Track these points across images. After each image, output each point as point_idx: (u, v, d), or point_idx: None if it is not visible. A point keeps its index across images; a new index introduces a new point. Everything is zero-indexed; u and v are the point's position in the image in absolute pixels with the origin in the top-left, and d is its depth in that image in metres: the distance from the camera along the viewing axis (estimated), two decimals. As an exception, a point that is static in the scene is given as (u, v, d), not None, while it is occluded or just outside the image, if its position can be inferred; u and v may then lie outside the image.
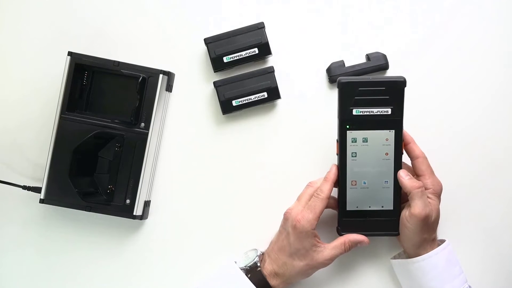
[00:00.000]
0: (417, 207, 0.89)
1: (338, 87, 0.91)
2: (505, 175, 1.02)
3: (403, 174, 0.91)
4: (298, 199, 0.95)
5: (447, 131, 1.02)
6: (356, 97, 0.91)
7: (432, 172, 0.94)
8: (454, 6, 1.03)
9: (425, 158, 0.94)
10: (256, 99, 1.01)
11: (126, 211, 0.98)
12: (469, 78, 1.03)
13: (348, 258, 1.00)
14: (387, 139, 0.92)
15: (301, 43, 1.04)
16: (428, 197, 0.91)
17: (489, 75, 1.03)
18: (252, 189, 1.03)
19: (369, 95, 0.91)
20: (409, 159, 0.95)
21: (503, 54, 1.03)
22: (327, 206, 0.93)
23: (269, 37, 1.01)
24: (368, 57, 1.02)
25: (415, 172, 0.95)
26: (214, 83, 1.01)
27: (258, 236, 1.00)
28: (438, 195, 0.94)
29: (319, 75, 1.03)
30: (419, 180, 0.93)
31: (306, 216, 0.91)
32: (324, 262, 0.92)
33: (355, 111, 0.91)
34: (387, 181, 0.93)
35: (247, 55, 1.00)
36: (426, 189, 0.92)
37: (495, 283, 1.02)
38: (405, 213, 0.92)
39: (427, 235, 0.92)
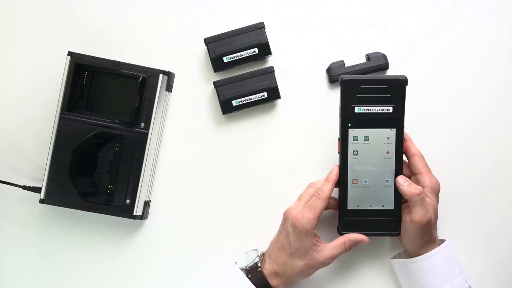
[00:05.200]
0: (417, 214, 0.89)
1: (340, 85, 0.92)
2: (506, 175, 1.02)
3: (401, 181, 0.91)
4: (299, 198, 0.95)
5: (447, 130, 1.02)
6: (358, 95, 0.91)
7: (429, 170, 0.94)
8: (454, 6, 1.04)
9: (422, 156, 0.94)
10: (256, 99, 1.01)
11: (126, 211, 0.98)
12: (469, 78, 1.03)
13: (348, 258, 1.00)
14: (388, 138, 0.92)
15: (301, 43, 1.04)
16: (426, 196, 0.91)
17: (489, 74, 1.03)
18: (252, 189, 1.03)
19: (371, 93, 0.91)
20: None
21: (503, 53, 1.03)
22: (327, 207, 0.93)
23: (269, 37, 1.01)
24: (368, 57, 1.02)
25: (412, 171, 0.95)
26: (214, 83, 1.01)
27: (258, 236, 1.00)
28: (436, 193, 0.94)
29: (319, 75, 1.03)
30: (416, 178, 0.94)
31: (306, 216, 0.91)
32: (324, 262, 0.92)
33: (357, 109, 0.91)
34: (388, 180, 0.93)
35: (247, 55, 1.00)
36: (424, 187, 0.92)
37: (495, 283, 1.02)
38: (406, 218, 0.92)
39: (429, 236, 0.92)
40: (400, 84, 0.91)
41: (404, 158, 0.94)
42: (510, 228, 1.02)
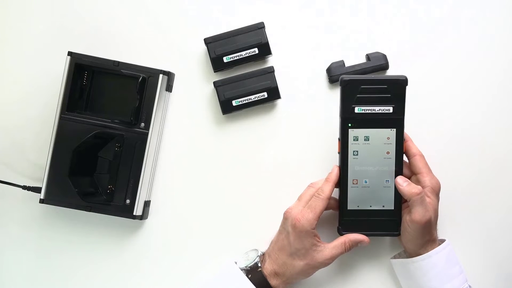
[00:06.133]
0: (417, 214, 0.90)
1: (340, 85, 0.92)
2: (506, 175, 1.02)
3: (400, 181, 0.92)
4: (299, 199, 0.95)
5: (447, 130, 1.02)
6: (358, 95, 0.91)
7: (429, 170, 0.94)
8: (454, 6, 1.04)
9: (422, 156, 0.94)
10: (256, 99, 1.00)
11: (126, 211, 0.98)
12: (469, 78, 1.03)
13: (348, 258, 1.00)
14: (388, 138, 0.92)
15: (301, 43, 1.04)
16: (427, 195, 0.91)
17: (489, 75, 1.03)
18: (252, 189, 1.03)
19: (371, 93, 0.91)
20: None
21: (503, 53, 1.03)
22: (327, 207, 0.93)
23: (269, 37, 1.01)
24: (368, 57, 1.02)
25: (412, 171, 0.95)
26: (214, 83, 1.01)
27: (258, 236, 1.00)
28: (436, 193, 0.94)
29: (319, 75, 1.03)
30: (417, 178, 0.94)
31: (306, 216, 0.91)
32: (325, 262, 0.92)
33: (357, 109, 0.91)
34: (388, 180, 0.93)
35: (247, 55, 1.00)
36: (424, 187, 0.92)
37: (495, 283, 1.02)
38: (406, 218, 0.92)
39: (429, 236, 0.92)
40: (400, 84, 0.91)
41: (405, 158, 0.94)
42: (510, 228, 1.02)
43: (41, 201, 0.97)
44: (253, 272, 0.93)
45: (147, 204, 1.01)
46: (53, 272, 1.02)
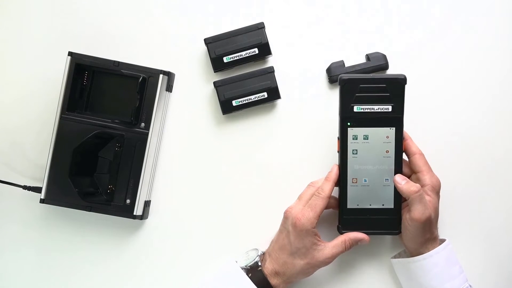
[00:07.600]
0: (417, 212, 0.90)
1: (339, 84, 0.92)
2: (506, 175, 1.02)
3: (399, 179, 0.92)
4: (299, 198, 0.95)
5: (447, 130, 1.02)
6: (357, 94, 0.91)
7: (429, 169, 0.94)
8: (454, 6, 1.04)
9: (422, 154, 0.95)
10: (256, 99, 1.01)
11: (126, 211, 0.98)
12: (469, 78, 1.03)
13: (348, 257, 1.00)
14: (387, 137, 0.92)
15: (301, 43, 1.04)
16: (427, 194, 0.92)
17: (489, 75, 1.03)
18: (252, 188, 1.03)
19: (370, 92, 0.91)
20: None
21: (503, 54, 1.03)
22: (327, 206, 0.93)
23: (269, 37, 1.01)
24: (368, 57, 1.02)
25: (412, 169, 0.95)
26: (214, 83, 1.01)
27: (258, 236, 1.00)
28: (436, 191, 0.94)
29: (319, 75, 1.03)
30: (417, 176, 0.94)
31: (306, 215, 0.91)
32: (325, 261, 0.92)
33: (356, 108, 0.92)
34: (388, 179, 0.93)
35: (247, 55, 1.01)
36: (424, 185, 0.92)
37: (495, 283, 1.02)
38: (405, 216, 0.92)
39: (429, 234, 0.92)
40: (399, 83, 0.92)
41: (405, 157, 0.94)
42: (510, 228, 1.02)
43: (42, 201, 0.97)
44: (254, 271, 0.93)
45: (147, 204, 1.01)
46: (53, 272, 1.02)
